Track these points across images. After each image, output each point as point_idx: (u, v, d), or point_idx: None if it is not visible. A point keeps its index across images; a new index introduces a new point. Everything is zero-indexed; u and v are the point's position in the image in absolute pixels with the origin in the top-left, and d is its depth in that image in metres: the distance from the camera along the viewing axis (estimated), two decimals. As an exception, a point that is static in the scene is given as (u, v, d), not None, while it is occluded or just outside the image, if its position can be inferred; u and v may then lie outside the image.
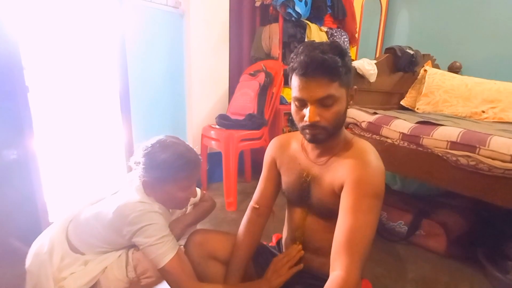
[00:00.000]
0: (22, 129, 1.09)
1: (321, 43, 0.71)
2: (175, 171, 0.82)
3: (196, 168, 0.87)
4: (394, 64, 1.67)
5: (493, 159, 0.91)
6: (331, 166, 0.79)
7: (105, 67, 2.13)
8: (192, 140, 2.18)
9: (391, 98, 1.86)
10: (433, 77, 1.75)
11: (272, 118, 2.07)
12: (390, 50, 1.67)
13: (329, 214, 0.77)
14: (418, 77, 1.83)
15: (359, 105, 1.47)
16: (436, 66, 2.06)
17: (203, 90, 2.17)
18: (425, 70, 1.80)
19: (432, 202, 1.52)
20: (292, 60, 0.73)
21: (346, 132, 0.82)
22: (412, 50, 1.71)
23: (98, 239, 0.81)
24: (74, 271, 0.79)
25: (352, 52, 2.63)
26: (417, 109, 1.72)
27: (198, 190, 1.07)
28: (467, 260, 1.32)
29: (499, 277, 1.13)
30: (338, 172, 0.76)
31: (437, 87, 1.71)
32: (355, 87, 0.75)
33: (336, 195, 0.75)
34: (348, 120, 1.41)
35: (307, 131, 0.75)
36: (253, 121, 1.90)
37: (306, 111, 0.72)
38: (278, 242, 1.06)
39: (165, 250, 0.77)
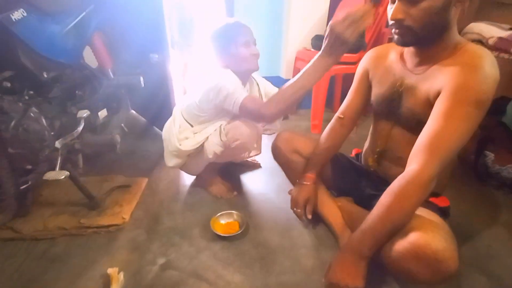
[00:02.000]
0: (162, 40, 1.40)
1: None
2: (230, 32, 1.04)
3: (243, 26, 1.06)
4: None
5: None
6: (430, 74, 0.74)
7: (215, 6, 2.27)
8: (286, 63, 2.23)
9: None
10: None
11: (373, 41, 1.89)
12: None
13: (417, 126, 0.75)
14: None
15: (493, 21, 1.18)
16: None
17: (302, 11, 2.09)
18: None
19: None
20: None
21: (457, 37, 0.73)
22: None
23: (197, 110, 1.07)
24: (188, 136, 1.10)
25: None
26: None
27: (275, 88, 1.25)
28: None
29: None
30: (438, 80, 0.71)
31: None
32: None
33: (430, 104, 0.72)
34: (471, 36, 1.17)
35: (393, 31, 0.72)
36: (351, 44, 1.79)
37: (392, 8, 0.68)
38: (357, 155, 1.12)
39: (238, 96, 0.96)
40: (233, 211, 1.08)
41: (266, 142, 1.34)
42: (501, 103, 1.30)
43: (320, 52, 0.84)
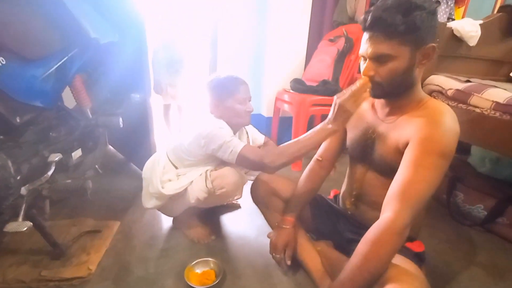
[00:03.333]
0: (143, 79, 1.42)
1: (389, 0, 0.69)
2: (230, 87, 1.06)
3: (244, 84, 1.09)
4: (508, 25, 1.39)
5: None
6: (399, 124, 0.80)
7: (201, 49, 2.40)
8: (267, 102, 2.33)
9: (499, 69, 1.57)
10: None
11: (347, 85, 2.03)
12: (505, 9, 1.38)
13: (389, 171, 0.79)
14: (544, 43, 1.47)
15: (451, 74, 1.32)
16: None
17: (281, 55, 2.25)
18: (557, 34, 1.44)
19: (527, 191, 1.31)
20: None
21: (421, 93, 0.81)
22: (540, 8, 1.38)
23: (185, 153, 1.07)
24: (171, 178, 1.08)
25: (457, 14, 2.24)
26: (534, 82, 1.43)
27: (262, 135, 1.28)
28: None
29: None
30: (405, 130, 0.77)
31: None
32: (433, 44, 0.71)
33: (399, 152, 0.77)
34: (432, 87, 1.29)
35: None
36: (327, 87, 1.91)
37: (364, 66, 0.76)
38: (335, 197, 1.14)
39: (235, 145, 0.96)
40: (209, 259, 1.03)
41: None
42: (466, 144, 1.40)
43: (326, 119, 0.90)
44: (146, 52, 1.42)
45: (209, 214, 1.34)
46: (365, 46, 0.75)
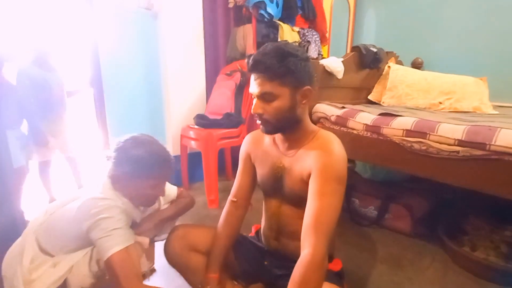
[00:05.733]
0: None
1: (268, 46, 0.79)
2: (147, 169, 0.84)
3: (169, 167, 0.89)
4: (360, 61, 1.79)
5: (440, 143, 1.03)
6: (299, 157, 0.86)
7: (78, 71, 2.10)
8: (172, 141, 2.19)
9: (359, 94, 1.98)
10: (396, 72, 1.88)
11: (249, 116, 2.13)
12: (356, 49, 1.78)
13: (300, 201, 0.84)
14: (383, 73, 1.96)
15: (330, 101, 1.57)
16: (399, 62, 2.21)
17: (180, 91, 2.19)
18: (389, 67, 1.93)
19: (398, 188, 1.65)
20: None
21: (311, 126, 0.90)
22: (376, 48, 1.84)
23: (64, 237, 0.84)
24: (44, 272, 0.81)
25: (324, 51, 2.74)
26: (383, 102, 1.85)
27: (175, 187, 1.11)
28: (430, 238, 1.45)
29: (456, 249, 1.27)
30: (306, 162, 0.83)
31: (400, 81, 1.85)
32: (308, 87, 0.80)
33: (305, 183, 0.83)
34: (319, 114, 1.50)
35: (257, 121, 0.86)
36: (231, 120, 1.95)
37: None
38: (257, 232, 1.12)
39: (112, 243, 0.77)
40: None
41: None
42: (351, 158, 1.66)
43: None
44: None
45: None
46: (253, 85, 0.81)
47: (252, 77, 0.81)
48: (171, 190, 1.10)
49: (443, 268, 1.27)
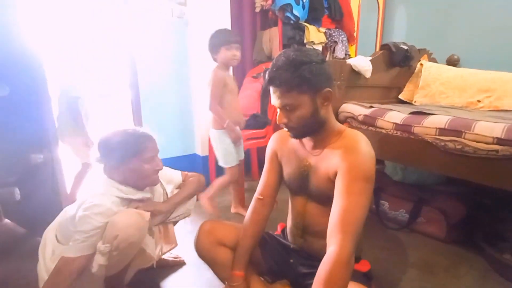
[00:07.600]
0: (47, 135, 1.20)
1: (280, 59, 0.80)
2: (131, 146, 0.92)
3: (151, 140, 0.97)
4: (390, 59, 1.74)
5: (477, 142, 0.97)
6: (325, 156, 0.87)
7: (117, 77, 2.26)
8: (201, 142, 2.27)
9: (389, 93, 1.92)
10: (429, 70, 1.80)
11: (275, 117, 2.16)
12: (385, 47, 1.73)
13: (327, 200, 0.84)
14: (415, 71, 1.88)
15: (357, 100, 1.54)
16: (433, 60, 2.11)
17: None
18: (421, 64, 1.86)
19: (431, 190, 1.57)
20: None
21: (337, 125, 0.90)
22: (407, 46, 1.77)
23: (71, 230, 0.90)
24: None
25: (351, 51, 2.70)
26: (415, 102, 1.78)
27: (178, 172, 1.17)
28: (466, 244, 1.37)
29: (496, 257, 1.18)
30: (332, 161, 0.84)
31: (433, 79, 1.77)
32: (328, 89, 0.81)
33: (331, 181, 0.83)
34: (346, 114, 1.48)
35: (285, 129, 0.88)
36: (257, 121, 1.99)
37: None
38: (283, 230, 1.14)
39: (69, 248, 0.84)
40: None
41: (188, 234, 1.22)
42: (380, 158, 1.62)
43: None
44: (48, 101, 1.20)
45: (147, 281, 1.17)
46: (273, 98, 0.84)
47: (271, 90, 0.83)
48: (174, 175, 1.17)
49: (481, 276, 1.19)
